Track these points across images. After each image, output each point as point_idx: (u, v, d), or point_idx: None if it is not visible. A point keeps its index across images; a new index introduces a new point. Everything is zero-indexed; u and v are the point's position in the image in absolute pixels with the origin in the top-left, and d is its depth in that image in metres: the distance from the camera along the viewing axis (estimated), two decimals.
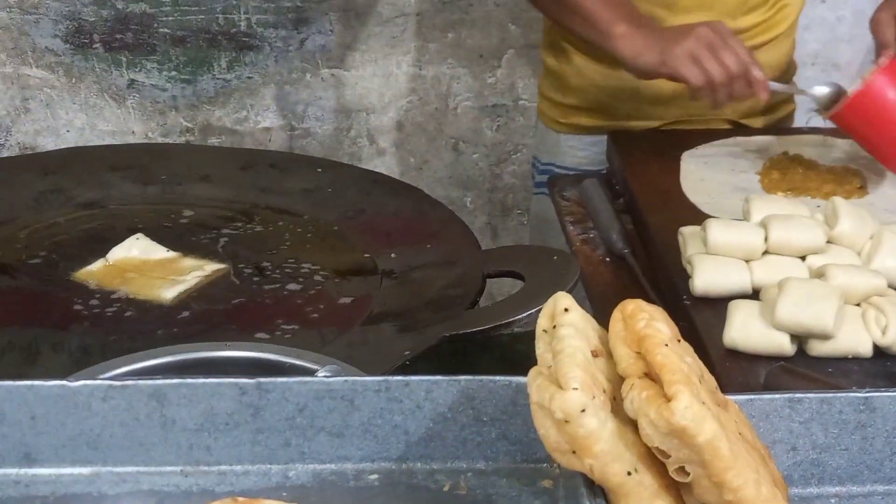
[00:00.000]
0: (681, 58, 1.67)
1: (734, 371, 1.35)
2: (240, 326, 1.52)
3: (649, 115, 1.95)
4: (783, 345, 1.35)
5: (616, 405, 0.82)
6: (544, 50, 2.04)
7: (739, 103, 1.78)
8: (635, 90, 1.90)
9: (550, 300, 0.87)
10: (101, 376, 0.99)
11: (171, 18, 2.51)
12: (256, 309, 1.56)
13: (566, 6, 1.80)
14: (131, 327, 1.50)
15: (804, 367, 1.32)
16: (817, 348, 1.35)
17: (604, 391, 0.81)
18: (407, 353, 1.39)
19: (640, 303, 0.86)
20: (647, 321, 0.83)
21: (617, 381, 0.83)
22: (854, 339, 1.35)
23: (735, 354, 1.37)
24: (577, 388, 0.78)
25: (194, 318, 1.53)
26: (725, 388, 1.27)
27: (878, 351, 1.35)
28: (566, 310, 0.85)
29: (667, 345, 0.81)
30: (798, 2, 1.99)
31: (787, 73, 2.02)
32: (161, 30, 2.52)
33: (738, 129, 1.96)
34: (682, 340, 0.86)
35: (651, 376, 0.81)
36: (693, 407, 0.76)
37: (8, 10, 2.48)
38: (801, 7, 2.00)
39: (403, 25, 2.58)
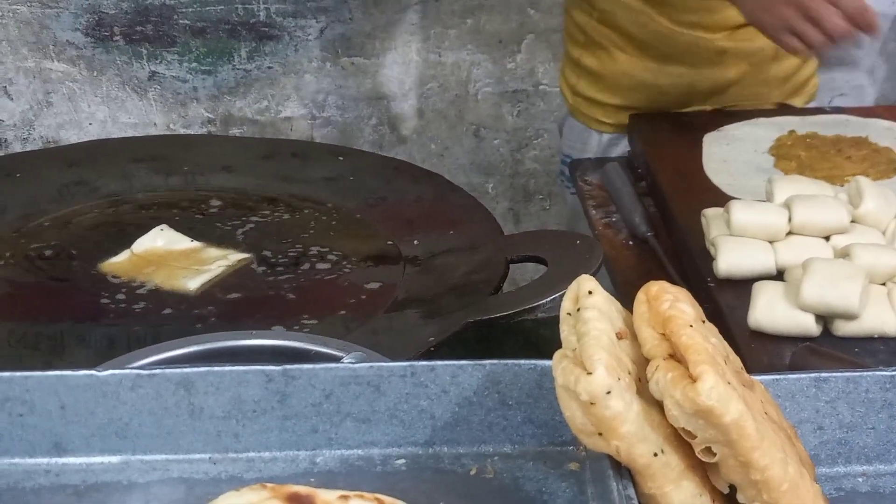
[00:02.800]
0: (776, 29, 1.64)
1: (759, 352, 1.35)
2: (264, 315, 1.53)
3: (703, 103, 1.93)
4: (808, 325, 1.35)
5: (641, 387, 0.82)
6: (577, 48, 2.00)
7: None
8: (690, 84, 1.89)
9: (574, 283, 0.87)
10: (129, 366, 1.00)
11: (190, 10, 2.51)
12: (280, 297, 1.57)
13: None
14: (156, 318, 1.51)
15: (830, 347, 1.32)
16: (843, 328, 1.35)
17: (629, 373, 0.81)
18: (431, 339, 1.40)
19: (664, 284, 0.86)
20: (671, 302, 0.83)
21: (642, 362, 0.83)
22: (880, 318, 1.35)
23: (760, 336, 1.37)
24: (602, 370, 0.78)
25: (219, 308, 1.54)
26: (751, 369, 1.27)
27: None
28: (590, 292, 0.85)
29: (691, 326, 0.81)
30: None
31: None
32: (181, 21, 2.52)
33: (770, 109, 1.93)
34: (706, 321, 0.86)
35: (676, 357, 0.81)
36: (719, 387, 0.76)
37: (28, 4, 2.50)
38: None
39: (422, 12, 2.58)
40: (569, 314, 0.86)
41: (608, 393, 0.78)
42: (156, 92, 2.59)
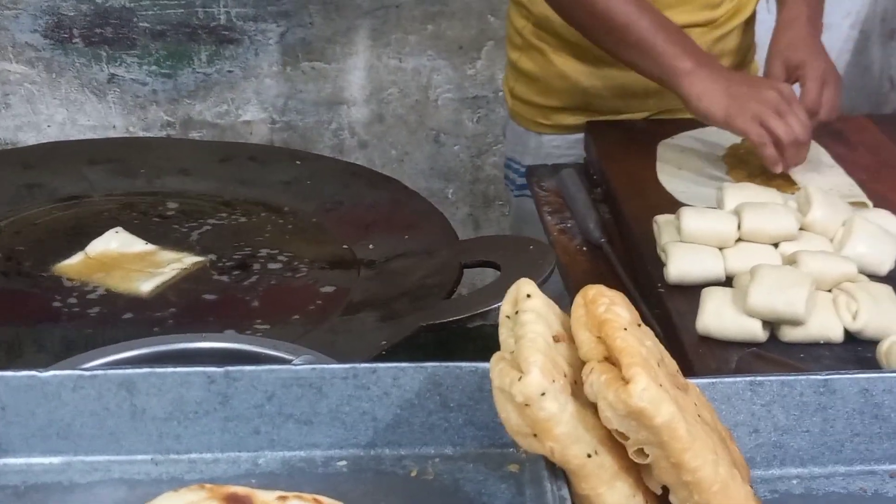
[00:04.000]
0: (747, 119, 1.67)
1: (707, 357, 1.36)
2: (217, 318, 1.53)
3: (636, 108, 1.95)
4: (755, 331, 1.36)
5: (577, 389, 0.83)
6: (515, 51, 2.02)
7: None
8: (622, 86, 1.90)
9: (514, 286, 0.88)
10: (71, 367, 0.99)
11: (150, 13, 2.52)
12: (234, 300, 1.57)
13: (625, 39, 1.74)
14: (109, 321, 1.51)
15: (776, 352, 1.33)
16: (789, 334, 1.36)
17: (564, 375, 0.82)
18: (384, 343, 1.40)
19: (601, 288, 0.87)
20: (607, 306, 0.84)
21: (579, 365, 0.84)
22: (825, 324, 1.36)
23: (708, 341, 1.38)
24: (536, 372, 0.79)
25: (172, 311, 1.53)
26: (699, 374, 1.29)
27: (849, 336, 1.36)
28: (528, 296, 0.86)
29: (625, 329, 0.82)
30: None
31: (748, 52, 2.04)
32: (140, 24, 2.52)
33: None
34: (642, 325, 0.87)
35: (611, 360, 0.82)
36: (650, 389, 0.77)
37: None
38: None
39: (383, 17, 2.59)
40: (507, 317, 0.87)
41: (542, 394, 0.79)
42: (115, 94, 2.58)
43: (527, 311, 0.85)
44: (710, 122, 1.72)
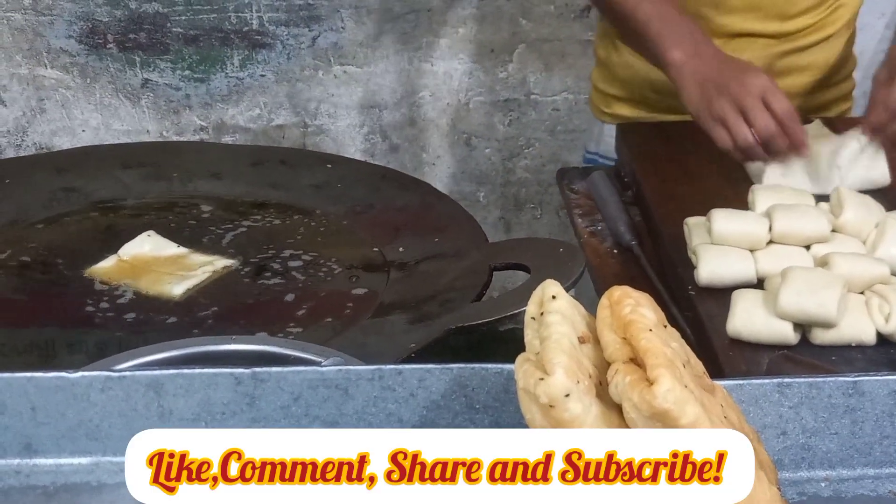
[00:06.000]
0: (710, 119, 1.64)
1: (738, 360, 1.35)
2: (248, 320, 1.54)
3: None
4: (786, 333, 1.35)
5: (602, 390, 0.83)
6: (597, 40, 2.04)
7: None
8: None
9: (539, 288, 0.88)
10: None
11: (183, 18, 2.53)
12: (265, 303, 1.57)
13: (630, 26, 1.77)
14: (140, 323, 1.52)
15: (808, 355, 1.32)
16: (820, 336, 1.36)
17: (589, 376, 0.82)
18: (412, 345, 1.40)
19: (626, 289, 0.86)
20: (632, 307, 0.84)
21: (604, 366, 0.84)
22: (857, 326, 1.35)
23: (739, 343, 1.37)
24: (561, 373, 0.79)
25: (203, 314, 1.54)
26: (729, 377, 1.28)
27: (882, 338, 1.35)
28: (554, 297, 0.86)
29: (651, 330, 0.81)
30: (855, 2, 1.93)
31: (842, 69, 1.97)
32: (174, 29, 2.54)
33: None
34: (668, 326, 0.86)
35: (636, 361, 0.81)
36: (675, 390, 0.77)
37: (23, 11, 2.51)
38: (859, 5, 1.95)
39: (415, 21, 2.59)
40: (533, 318, 0.87)
41: (567, 396, 0.79)
42: (149, 99, 2.60)
43: (552, 312, 0.84)
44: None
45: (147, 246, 1.68)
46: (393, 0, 2.57)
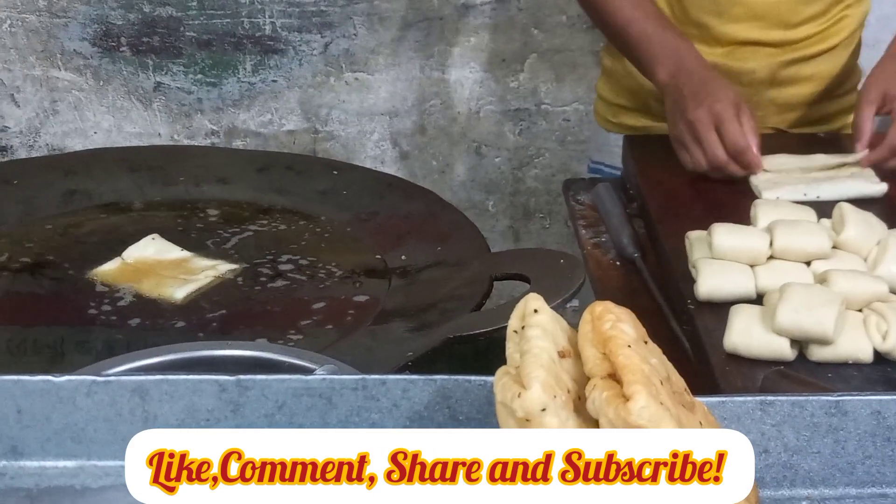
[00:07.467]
0: (675, 141, 1.76)
1: (734, 375, 1.35)
2: (249, 325, 1.54)
3: None
4: (783, 349, 1.35)
5: (581, 405, 0.83)
6: (603, 50, 2.05)
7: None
8: None
9: (521, 301, 0.88)
10: (89, 373, 1.01)
11: (196, 22, 2.54)
12: (266, 308, 1.58)
13: (622, 40, 1.83)
14: (141, 326, 1.53)
15: (805, 372, 1.31)
16: (817, 353, 1.35)
17: (568, 391, 0.82)
18: (410, 354, 1.40)
19: (608, 304, 0.86)
20: (612, 322, 0.84)
21: (584, 381, 0.84)
22: (854, 344, 1.34)
23: (736, 359, 1.37)
24: (537, 387, 0.79)
25: (204, 318, 1.55)
26: (725, 392, 1.28)
27: (879, 356, 1.34)
28: (535, 311, 0.86)
29: (629, 346, 0.81)
30: (859, 13, 1.94)
31: (846, 82, 1.97)
32: (187, 33, 2.55)
33: (780, 136, 1.93)
34: (649, 342, 0.86)
35: (615, 377, 0.81)
36: (650, 407, 0.77)
37: (37, 13, 2.53)
38: (864, 16, 1.95)
39: (427, 29, 2.60)
40: (514, 332, 0.87)
41: (543, 410, 0.79)
42: (161, 103, 2.61)
43: (533, 326, 0.85)
44: None
45: (151, 249, 1.69)
46: (406, 8, 2.57)
